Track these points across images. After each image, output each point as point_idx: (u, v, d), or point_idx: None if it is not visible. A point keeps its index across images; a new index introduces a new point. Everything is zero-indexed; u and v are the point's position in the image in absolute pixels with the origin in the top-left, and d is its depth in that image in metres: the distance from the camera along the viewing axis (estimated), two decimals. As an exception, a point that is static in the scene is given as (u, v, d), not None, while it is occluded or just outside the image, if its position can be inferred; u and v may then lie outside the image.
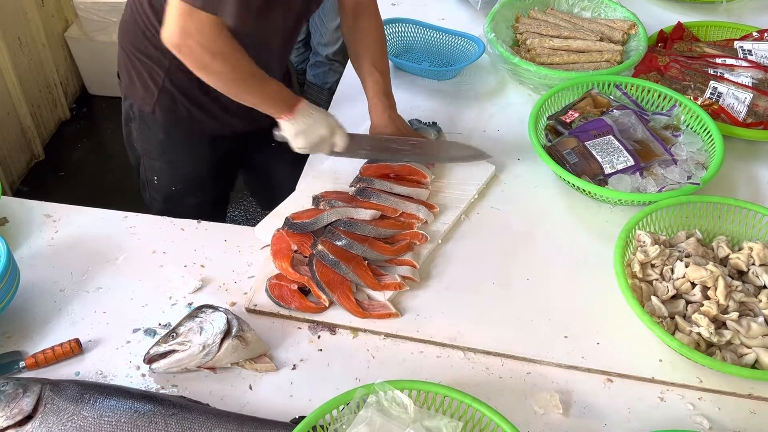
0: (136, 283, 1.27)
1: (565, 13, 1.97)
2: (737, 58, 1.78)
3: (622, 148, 1.45)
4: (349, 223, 1.31)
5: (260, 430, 1.02)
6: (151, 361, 1.12)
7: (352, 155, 1.45)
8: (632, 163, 1.43)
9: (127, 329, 1.20)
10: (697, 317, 1.16)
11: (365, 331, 1.21)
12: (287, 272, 1.25)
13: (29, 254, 1.32)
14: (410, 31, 1.91)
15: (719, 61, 1.77)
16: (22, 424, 0.97)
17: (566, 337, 1.21)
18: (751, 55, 1.80)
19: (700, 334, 1.16)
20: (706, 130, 1.53)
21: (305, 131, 1.34)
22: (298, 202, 1.42)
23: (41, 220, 1.39)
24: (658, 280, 1.24)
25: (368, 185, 1.41)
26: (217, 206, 1.79)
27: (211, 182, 1.68)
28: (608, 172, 1.43)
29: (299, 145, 1.36)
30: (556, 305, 1.26)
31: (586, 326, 1.23)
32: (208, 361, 1.11)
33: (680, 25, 1.91)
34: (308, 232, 1.31)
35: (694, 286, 1.22)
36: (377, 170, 1.46)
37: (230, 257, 1.33)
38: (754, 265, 1.26)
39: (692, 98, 1.62)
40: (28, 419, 0.98)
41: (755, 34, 1.88)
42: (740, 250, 1.29)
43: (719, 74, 1.71)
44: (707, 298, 1.20)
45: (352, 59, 1.55)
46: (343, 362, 1.16)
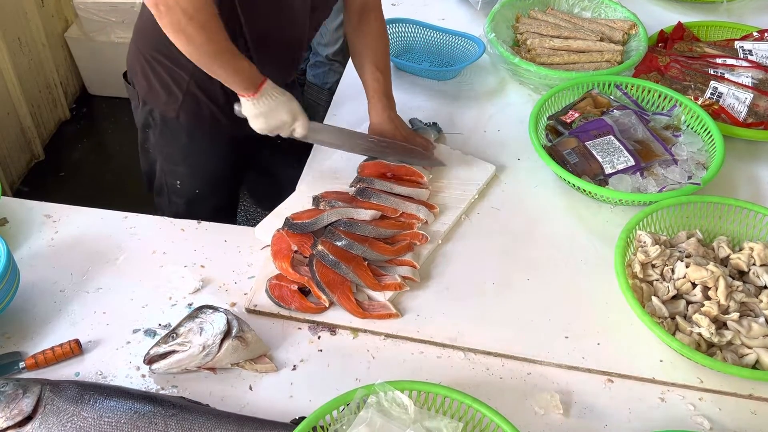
0: (136, 283, 1.27)
1: (565, 13, 1.97)
2: (738, 58, 1.78)
3: (622, 148, 1.45)
4: (349, 223, 1.31)
5: (260, 430, 1.01)
6: (151, 361, 1.12)
7: (310, 141, 1.44)
8: (633, 163, 1.43)
9: (127, 330, 1.19)
10: (697, 318, 1.16)
11: (365, 331, 1.21)
12: (287, 272, 1.25)
13: (29, 254, 1.31)
14: (410, 31, 1.91)
15: (720, 61, 1.77)
16: (21, 424, 0.97)
17: (567, 337, 1.21)
18: (751, 55, 1.80)
19: (700, 334, 1.15)
20: (706, 130, 1.53)
21: (266, 113, 1.32)
22: (298, 202, 1.42)
23: (41, 220, 1.38)
24: (658, 280, 1.24)
25: (368, 185, 1.41)
26: (231, 207, 1.80)
27: (230, 182, 1.69)
28: (609, 172, 1.43)
29: (258, 126, 1.34)
30: (556, 305, 1.26)
31: (586, 326, 1.23)
32: (208, 361, 1.10)
33: (680, 25, 1.91)
34: (308, 232, 1.31)
35: (694, 286, 1.22)
36: (376, 170, 1.46)
37: (230, 257, 1.33)
38: (754, 265, 1.26)
39: (693, 98, 1.62)
40: (27, 420, 0.98)
41: (756, 34, 1.88)
42: (741, 250, 1.29)
43: (720, 74, 1.71)
44: (708, 298, 1.20)
45: (353, 59, 1.55)
46: (343, 363, 1.16)
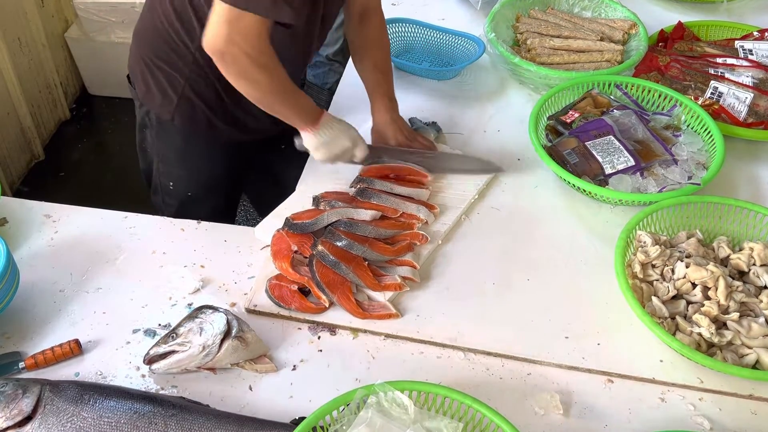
0: (135, 283, 1.27)
1: (565, 12, 1.97)
2: (738, 57, 1.78)
3: (622, 148, 1.45)
4: (349, 223, 1.31)
5: (260, 430, 1.01)
6: (150, 361, 1.11)
7: (368, 164, 1.46)
8: (633, 163, 1.43)
9: (126, 330, 1.19)
10: (697, 318, 1.16)
11: (365, 331, 1.21)
12: (287, 273, 1.25)
13: (29, 254, 1.31)
14: (410, 31, 1.91)
15: (720, 60, 1.77)
16: (21, 425, 0.97)
17: (567, 337, 1.21)
18: (751, 54, 1.79)
19: (700, 334, 1.15)
20: (706, 130, 1.53)
21: (328, 143, 1.36)
22: (298, 202, 1.42)
23: (41, 220, 1.38)
24: (658, 280, 1.24)
25: (368, 186, 1.41)
26: (228, 210, 1.79)
27: (226, 186, 1.69)
28: (609, 172, 1.43)
29: (321, 156, 1.37)
30: (556, 305, 1.26)
31: (586, 327, 1.23)
32: (208, 361, 1.10)
33: (681, 24, 1.91)
34: (308, 232, 1.31)
35: (694, 286, 1.21)
36: (377, 171, 1.46)
37: (230, 258, 1.33)
38: (754, 265, 1.26)
39: (693, 98, 1.62)
40: (27, 420, 0.98)
41: (756, 33, 1.88)
42: (741, 250, 1.29)
43: (720, 74, 1.71)
44: (708, 298, 1.20)
45: (354, 61, 1.55)
46: (343, 363, 1.16)
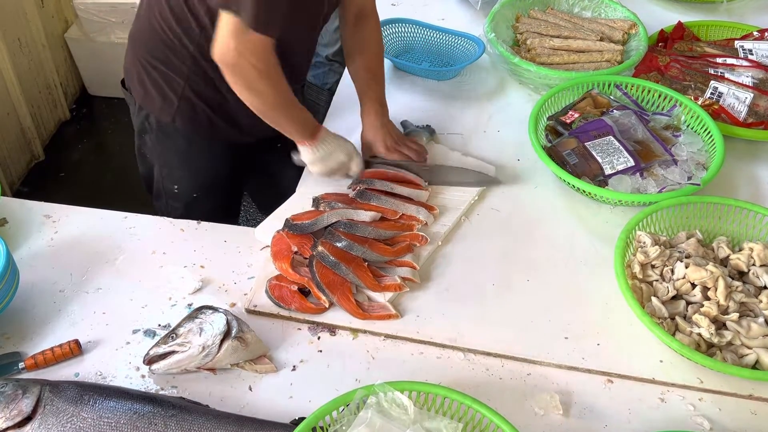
0: (135, 283, 1.27)
1: (565, 12, 1.97)
2: (738, 57, 1.78)
3: (622, 148, 1.45)
4: (349, 224, 1.31)
5: (260, 431, 1.01)
6: (150, 362, 1.11)
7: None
8: (632, 163, 1.43)
9: (126, 330, 1.19)
10: (697, 318, 1.16)
11: (365, 332, 1.21)
12: (287, 273, 1.25)
13: (29, 255, 1.31)
14: (410, 31, 1.91)
15: (720, 60, 1.77)
16: (21, 425, 0.97)
17: (566, 338, 1.21)
18: (751, 54, 1.79)
19: (700, 334, 1.15)
20: (706, 130, 1.53)
21: (324, 158, 1.38)
22: (298, 203, 1.42)
23: (41, 220, 1.38)
24: (658, 280, 1.24)
25: (368, 186, 1.41)
26: (233, 208, 1.80)
27: (229, 186, 1.69)
28: (608, 172, 1.43)
29: (317, 170, 1.39)
30: (556, 306, 1.26)
31: (586, 327, 1.23)
32: (207, 362, 1.10)
33: (681, 24, 1.91)
34: (308, 233, 1.31)
35: (694, 286, 1.21)
36: (375, 174, 1.46)
37: (230, 258, 1.33)
38: (754, 265, 1.26)
39: (693, 98, 1.62)
40: (27, 420, 0.98)
41: (756, 33, 1.87)
42: (740, 250, 1.29)
43: (720, 74, 1.71)
44: (707, 298, 1.20)
45: (348, 64, 1.55)
46: (343, 363, 1.16)
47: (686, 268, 1.22)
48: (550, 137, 1.56)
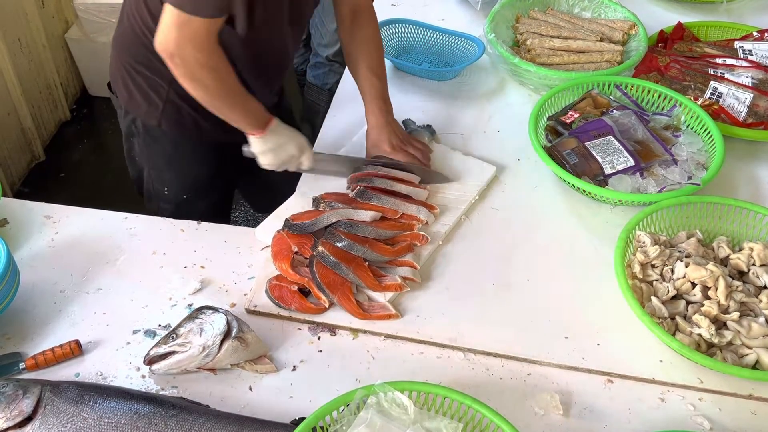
0: (136, 284, 1.27)
1: (565, 13, 1.97)
2: (737, 58, 1.78)
3: (622, 148, 1.45)
4: (349, 224, 1.31)
5: (260, 431, 1.01)
6: (151, 362, 1.12)
7: (315, 173, 1.46)
8: (632, 163, 1.43)
9: (127, 330, 1.20)
10: (697, 318, 1.16)
11: (365, 332, 1.21)
12: (287, 273, 1.25)
13: (29, 255, 1.32)
14: (410, 31, 1.91)
15: (719, 61, 1.77)
16: (22, 425, 0.97)
17: (566, 337, 1.21)
18: (751, 55, 1.79)
19: (700, 334, 1.15)
20: (706, 130, 1.53)
21: (274, 149, 1.35)
22: (298, 203, 1.42)
23: (41, 221, 1.39)
24: (658, 280, 1.24)
25: (368, 184, 1.41)
26: (224, 207, 1.80)
27: (219, 187, 1.69)
28: (608, 172, 1.43)
29: (267, 162, 1.37)
30: (556, 306, 1.26)
31: (586, 327, 1.23)
32: (208, 362, 1.10)
33: (680, 25, 1.91)
34: (308, 233, 1.31)
35: (694, 286, 1.22)
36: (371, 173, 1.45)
37: (230, 258, 1.33)
38: (754, 265, 1.26)
39: (692, 98, 1.62)
40: (27, 420, 0.98)
41: (756, 34, 1.88)
42: (741, 250, 1.29)
43: (719, 74, 1.71)
44: (708, 298, 1.20)
45: (349, 64, 1.55)
46: (343, 363, 1.16)
47: (686, 267, 1.22)
48: (550, 137, 1.56)
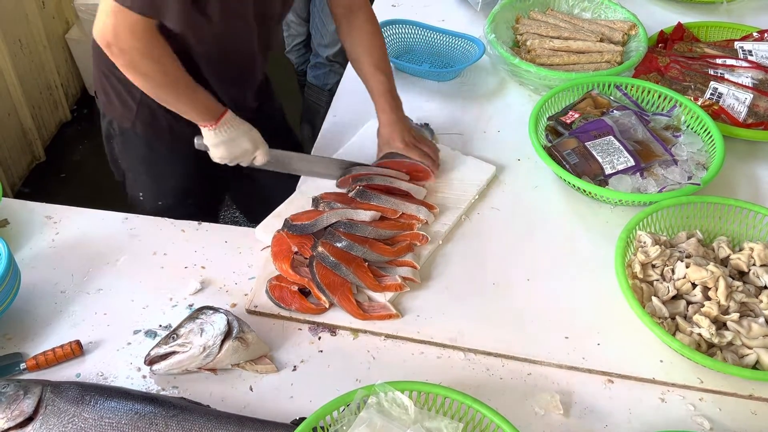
0: (136, 284, 1.28)
1: (565, 14, 1.97)
2: (737, 58, 1.78)
3: (622, 148, 1.45)
4: (349, 224, 1.31)
5: (261, 431, 1.02)
6: (151, 362, 1.12)
7: (272, 169, 1.43)
8: (633, 163, 1.43)
9: (127, 331, 1.20)
10: (698, 318, 1.16)
11: (366, 332, 1.21)
12: (287, 274, 1.25)
13: (30, 256, 1.32)
14: (410, 32, 1.91)
15: (719, 61, 1.77)
16: (22, 425, 0.97)
17: (567, 337, 1.21)
18: (751, 55, 1.80)
19: (700, 334, 1.15)
20: (706, 130, 1.53)
21: (227, 143, 1.33)
22: (297, 203, 1.42)
23: (42, 221, 1.39)
24: (658, 280, 1.24)
25: (367, 183, 1.40)
26: (209, 216, 1.74)
27: (196, 194, 1.64)
28: (609, 172, 1.43)
29: (219, 154, 1.34)
30: (556, 306, 1.26)
31: (586, 327, 1.23)
32: (208, 362, 1.11)
33: (680, 25, 1.91)
34: (308, 233, 1.31)
35: (694, 286, 1.22)
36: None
37: (231, 258, 1.33)
38: (754, 265, 1.26)
39: (692, 99, 1.62)
40: (28, 421, 0.98)
41: (755, 34, 1.88)
42: (741, 250, 1.29)
43: (719, 75, 1.71)
44: (708, 298, 1.20)
45: (352, 63, 1.53)
46: (343, 363, 1.16)
47: (687, 267, 1.22)
48: (550, 137, 1.56)
